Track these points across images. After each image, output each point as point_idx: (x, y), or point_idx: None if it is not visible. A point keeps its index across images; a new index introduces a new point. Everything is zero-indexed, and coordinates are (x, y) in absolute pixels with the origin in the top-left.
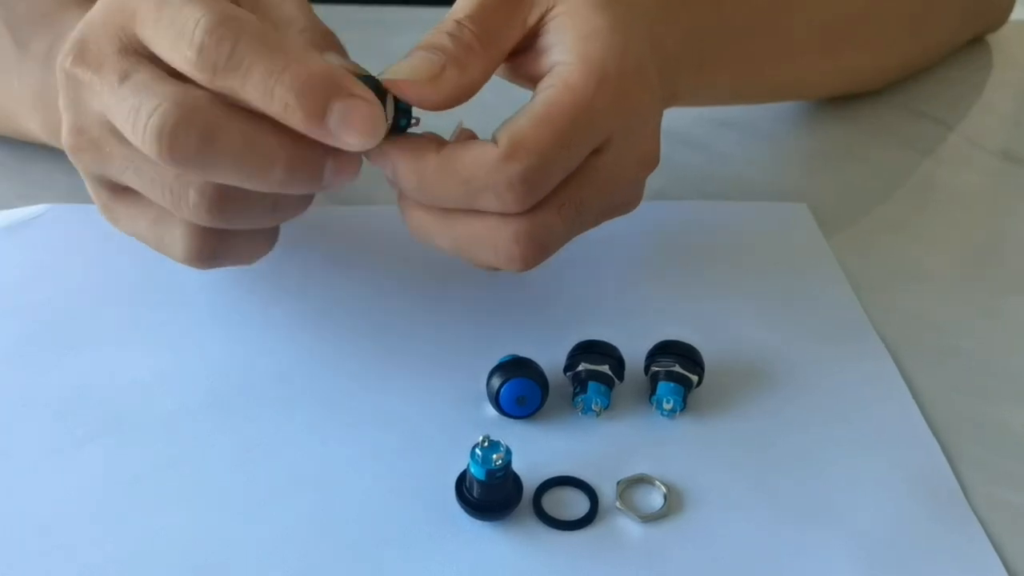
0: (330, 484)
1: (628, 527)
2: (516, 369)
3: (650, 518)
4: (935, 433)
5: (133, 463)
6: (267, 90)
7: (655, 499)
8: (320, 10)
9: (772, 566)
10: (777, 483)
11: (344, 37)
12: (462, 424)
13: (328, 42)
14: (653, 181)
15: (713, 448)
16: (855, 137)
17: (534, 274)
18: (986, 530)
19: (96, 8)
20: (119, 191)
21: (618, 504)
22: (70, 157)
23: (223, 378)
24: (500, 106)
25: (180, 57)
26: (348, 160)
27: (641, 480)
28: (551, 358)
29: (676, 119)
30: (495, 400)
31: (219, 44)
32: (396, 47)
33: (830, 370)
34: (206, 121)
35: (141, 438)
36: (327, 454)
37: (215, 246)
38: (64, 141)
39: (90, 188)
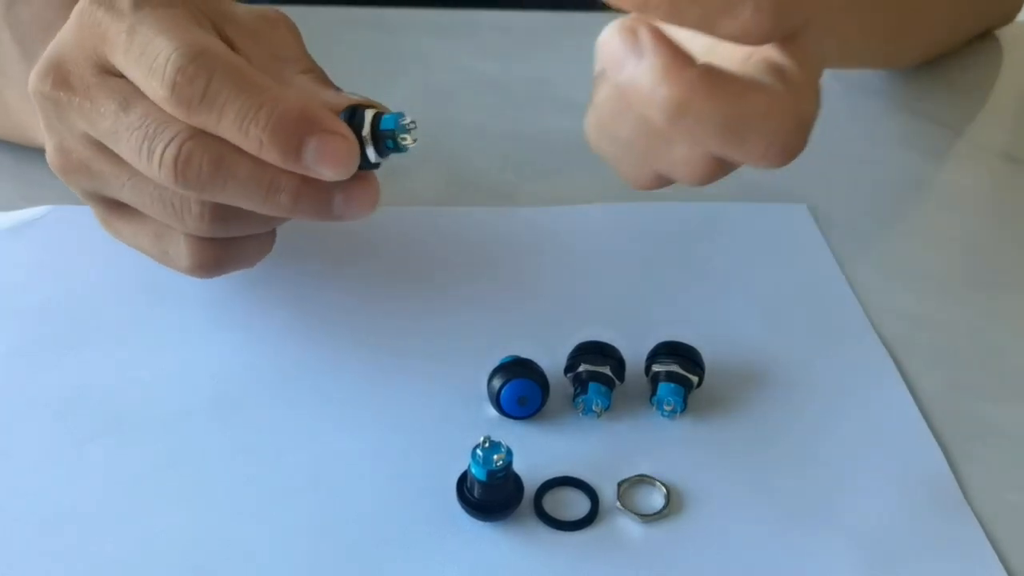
0: (331, 484)
1: (629, 527)
2: (517, 370)
3: (651, 518)
4: (935, 433)
5: (134, 463)
6: (242, 129)
7: (656, 499)
8: (321, 11)
9: (772, 566)
10: (777, 483)
11: (344, 37)
12: (463, 425)
13: (323, 81)
14: None
15: (713, 448)
16: (855, 137)
17: (534, 275)
18: (986, 530)
19: (67, 28)
20: (115, 206)
21: (619, 504)
22: (60, 177)
23: (224, 378)
24: (500, 105)
25: (152, 92)
26: (361, 194)
27: (642, 480)
28: (552, 359)
29: None
30: (496, 401)
31: (191, 83)
32: (396, 47)
33: (830, 370)
34: (218, 150)
35: (142, 438)
36: (328, 454)
37: (218, 254)
38: (50, 162)
39: (87, 203)
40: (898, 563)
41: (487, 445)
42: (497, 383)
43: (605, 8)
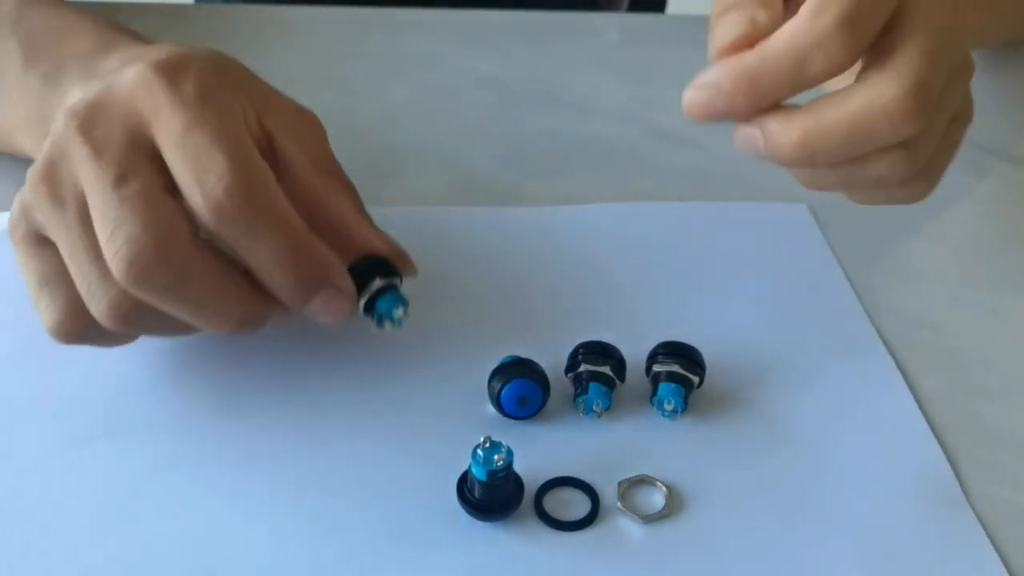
0: (331, 484)
1: (629, 528)
2: (517, 370)
3: (651, 518)
4: (935, 433)
5: (133, 464)
6: (267, 269)
7: (656, 499)
8: (325, 11)
9: (772, 566)
10: (777, 483)
11: (347, 37)
12: (463, 425)
13: (358, 209)
14: (651, 182)
15: (714, 448)
16: None
17: (535, 275)
18: (986, 530)
19: (123, 82)
20: (36, 239)
21: (619, 505)
22: (28, 187)
23: (224, 379)
24: (500, 105)
25: (191, 198)
26: (286, 317)
27: (642, 481)
28: (552, 359)
29: (674, 118)
30: (496, 401)
31: (236, 210)
32: (397, 47)
33: (830, 370)
34: (181, 266)
35: (142, 439)
36: (328, 454)
37: (84, 329)
38: (31, 174)
39: (15, 214)
40: (898, 562)
41: (487, 445)
42: (497, 383)
43: (605, 8)
